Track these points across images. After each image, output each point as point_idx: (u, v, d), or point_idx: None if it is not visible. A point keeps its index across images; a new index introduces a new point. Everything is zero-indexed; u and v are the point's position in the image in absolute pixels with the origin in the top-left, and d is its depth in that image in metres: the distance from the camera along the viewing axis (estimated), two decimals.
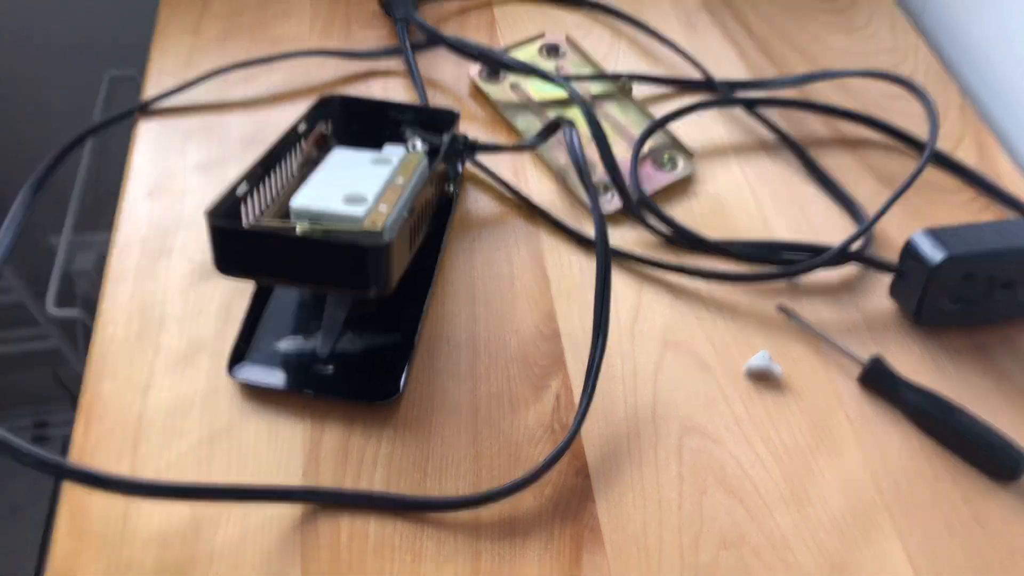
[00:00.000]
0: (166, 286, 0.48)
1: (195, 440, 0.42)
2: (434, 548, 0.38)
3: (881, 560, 0.39)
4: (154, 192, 0.53)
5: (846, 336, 0.47)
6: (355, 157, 0.47)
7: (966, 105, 0.60)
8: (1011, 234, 0.45)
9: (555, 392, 0.44)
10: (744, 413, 0.43)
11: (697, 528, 0.39)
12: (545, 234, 0.51)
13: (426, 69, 0.61)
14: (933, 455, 0.42)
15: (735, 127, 0.58)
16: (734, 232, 0.52)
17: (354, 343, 0.45)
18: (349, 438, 0.42)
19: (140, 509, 0.39)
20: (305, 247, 0.39)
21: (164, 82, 0.60)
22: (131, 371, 0.44)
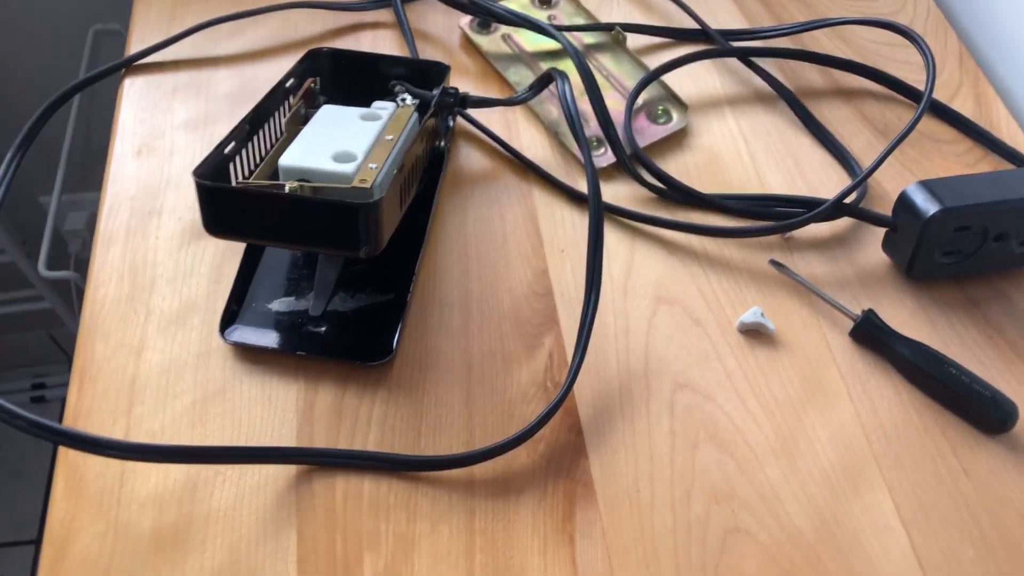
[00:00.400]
0: (156, 247, 0.48)
1: (189, 402, 0.42)
2: (429, 506, 0.39)
3: (870, 512, 0.39)
4: (142, 151, 0.52)
5: (838, 290, 0.47)
6: (344, 113, 0.46)
7: (965, 54, 0.59)
8: (1005, 185, 0.44)
9: (548, 350, 0.44)
10: (736, 368, 0.44)
11: (689, 482, 0.40)
12: (538, 190, 0.51)
13: (416, 20, 0.60)
14: (923, 408, 0.42)
15: (730, 78, 0.57)
16: (728, 186, 0.51)
17: (346, 303, 0.45)
18: (343, 398, 0.42)
19: (136, 471, 0.39)
20: (294, 207, 0.39)
21: (149, 36, 0.59)
22: (124, 333, 0.44)
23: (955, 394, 0.42)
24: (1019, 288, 0.47)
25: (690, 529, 0.38)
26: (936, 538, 0.39)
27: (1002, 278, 0.47)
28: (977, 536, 0.39)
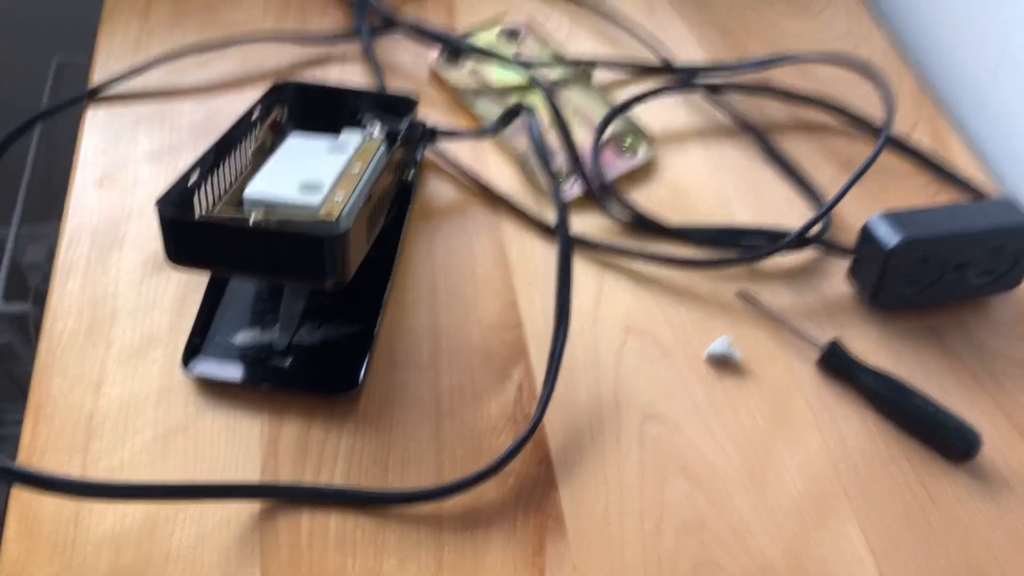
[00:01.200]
0: (118, 279, 0.47)
1: (149, 437, 0.41)
2: (396, 542, 0.38)
3: (839, 542, 0.39)
4: (104, 181, 0.52)
5: (805, 320, 0.47)
6: (311, 144, 0.46)
7: (920, 89, 0.60)
8: (963, 217, 0.45)
9: (517, 381, 0.44)
10: (704, 399, 0.44)
11: (659, 514, 0.39)
12: (507, 222, 0.51)
13: (384, 54, 0.60)
14: (890, 437, 0.43)
15: (695, 112, 0.58)
16: (695, 217, 0.52)
17: (312, 335, 0.44)
18: (308, 432, 0.41)
19: (92, 510, 0.38)
20: (259, 238, 0.38)
21: (112, 67, 0.58)
22: (82, 367, 0.43)
23: (920, 423, 0.42)
24: (977, 318, 0.48)
25: (660, 562, 0.38)
26: (904, 567, 0.39)
27: (962, 308, 0.48)
28: (944, 564, 0.39)
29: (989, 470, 0.42)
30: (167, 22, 0.61)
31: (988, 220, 0.45)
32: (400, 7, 0.64)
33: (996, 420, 0.44)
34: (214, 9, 0.62)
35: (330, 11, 0.63)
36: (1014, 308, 0.48)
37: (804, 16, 0.65)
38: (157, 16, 0.62)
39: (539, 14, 0.64)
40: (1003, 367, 0.46)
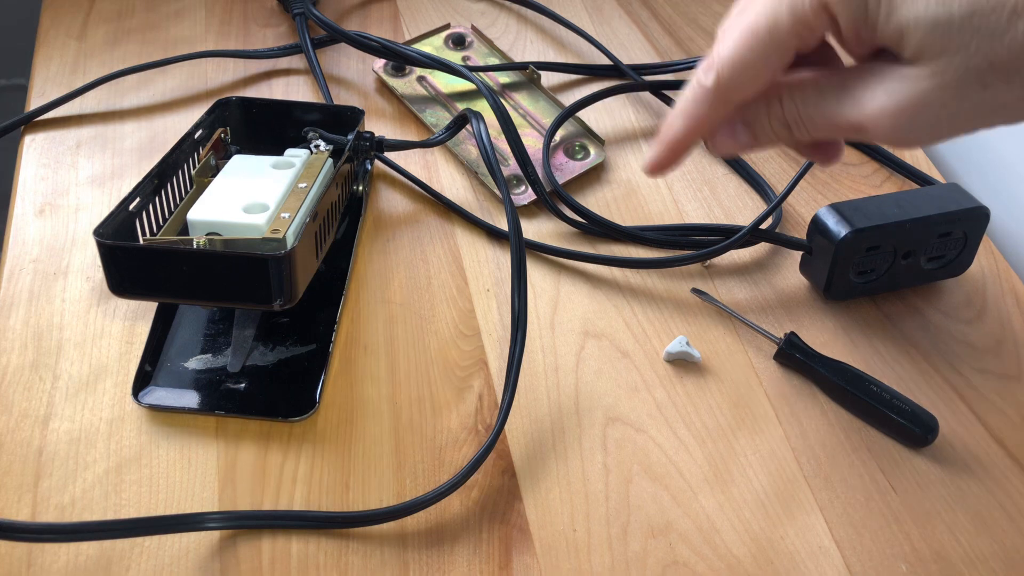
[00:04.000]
0: (63, 309, 0.46)
1: (101, 471, 0.40)
2: (360, 563, 0.37)
3: (805, 534, 0.39)
4: (45, 209, 0.50)
5: (761, 315, 0.47)
6: (255, 163, 0.45)
7: None
8: (910, 205, 0.46)
9: (477, 392, 0.43)
10: (665, 398, 0.44)
11: (625, 518, 0.39)
12: (460, 230, 0.51)
13: (329, 66, 0.60)
14: (849, 427, 0.43)
15: (644, 111, 0.58)
16: (647, 217, 0.52)
17: (266, 357, 0.43)
18: (265, 457, 0.40)
19: (45, 550, 0.37)
20: (204, 262, 0.37)
21: (50, 91, 0.57)
22: (28, 403, 0.42)
23: (878, 411, 0.42)
24: (930, 303, 0.48)
25: (628, 566, 0.38)
26: (869, 556, 0.39)
27: (914, 294, 0.49)
28: (908, 551, 0.39)
29: (948, 454, 0.42)
30: (105, 43, 0.60)
31: (935, 206, 0.46)
32: (344, 17, 0.63)
33: (953, 404, 0.44)
34: (154, 27, 0.61)
35: (273, 24, 0.62)
36: (964, 291, 0.49)
37: None
38: (94, 37, 0.60)
39: (484, 18, 0.64)
40: (957, 350, 0.46)
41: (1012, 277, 0.50)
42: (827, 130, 0.30)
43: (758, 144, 0.32)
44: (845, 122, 0.29)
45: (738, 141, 0.32)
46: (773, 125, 0.31)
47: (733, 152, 0.33)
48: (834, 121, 0.30)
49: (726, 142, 0.32)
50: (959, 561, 0.39)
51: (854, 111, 0.29)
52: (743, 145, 0.32)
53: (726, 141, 0.32)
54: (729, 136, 0.32)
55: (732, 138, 0.32)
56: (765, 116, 0.31)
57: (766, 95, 0.31)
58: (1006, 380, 0.45)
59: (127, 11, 0.62)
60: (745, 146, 0.32)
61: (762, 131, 0.31)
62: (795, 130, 0.31)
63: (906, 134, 0.28)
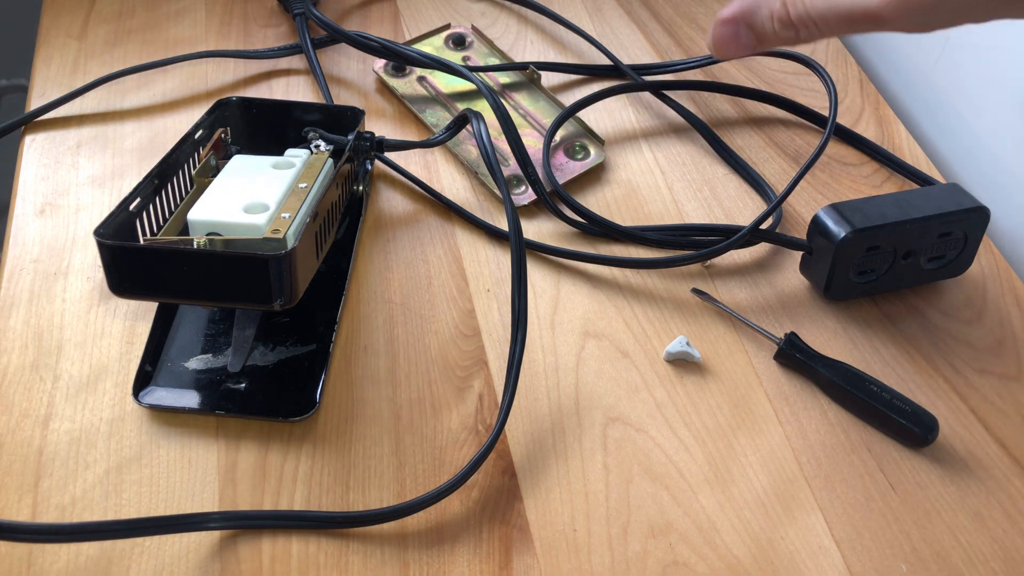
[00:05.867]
0: (63, 310, 0.46)
1: (102, 471, 0.40)
2: (360, 563, 0.37)
3: (805, 534, 0.39)
4: (45, 209, 0.50)
5: (760, 315, 0.47)
6: (255, 163, 0.45)
7: (865, 79, 0.61)
8: (909, 204, 0.46)
9: (478, 392, 0.43)
10: (666, 398, 0.44)
11: (625, 518, 0.39)
12: (460, 230, 0.51)
13: (329, 66, 0.60)
14: (849, 426, 0.43)
15: (644, 111, 0.58)
16: (647, 218, 0.52)
17: (266, 357, 0.43)
18: (266, 456, 0.40)
19: (45, 550, 0.37)
20: (204, 262, 0.37)
21: (50, 91, 0.57)
22: (29, 403, 0.42)
23: (878, 411, 0.42)
24: (930, 303, 0.48)
25: (628, 566, 0.38)
26: (869, 555, 0.39)
27: (914, 294, 0.49)
28: (908, 551, 0.39)
29: (948, 454, 0.42)
30: (106, 43, 0.60)
31: (935, 206, 0.46)
32: (345, 17, 0.63)
33: (953, 404, 0.44)
34: (154, 27, 0.61)
35: (273, 24, 0.62)
36: (964, 291, 0.49)
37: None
38: (95, 37, 0.60)
39: (485, 18, 0.64)
40: (957, 350, 0.46)
41: (1012, 277, 0.50)
42: (839, 25, 0.29)
43: (761, 47, 0.30)
44: (861, 12, 0.28)
45: (741, 43, 0.31)
46: (777, 26, 0.30)
47: (737, 54, 0.31)
48: (848, 13, 0.28)
49: (729, 45, 0.31)
50: (959, 561, 0.39)
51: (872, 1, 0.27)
52: (745, 48, 0.31)
53: (729, 44, 0.31)
54: (732, 39, 0.31)
55: (735, 41, 0.31)
56: (768, 18, 0.30)
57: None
58: (1006, 380, 0.45)
59: (127, 11, 0.62)
60: (748, 49, 0.31)
61: (766, 35, 0.30)
62: (803, 31, 0.29)
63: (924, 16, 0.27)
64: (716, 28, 0.31)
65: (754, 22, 0.30)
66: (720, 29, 0.31)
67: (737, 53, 0.31)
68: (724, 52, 0.31)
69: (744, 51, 0.31)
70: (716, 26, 0.31)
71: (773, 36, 0.30)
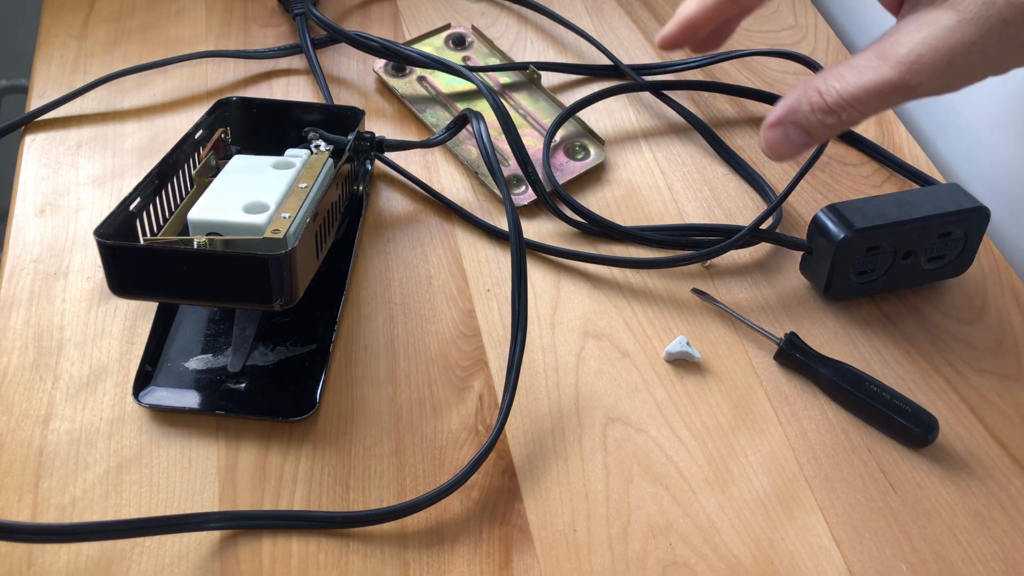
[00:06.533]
0: (63, 310, 0.46)
1: (102, 471, 0.40)
2: (360, 563, 0.37)
3: (805, 534, 0.39)
4: (45, 209, 0.50)
5: (761, 315, 0.47)
6: (255, 163, 0.45)
7: None
8: (910, 205, 0.46)
9: (478, 392, 0.43)
10: (666, 398, 0.44)
11: (625, 518, 0.39)
12: (461, 230, 0.51)
13: (329, 66, 0.60)
14: (849, 427, 0.43)
15: (644, 111, 0.58)
16: (647, 218, 0.52)
17: (266, 357, 0.43)
18: (266, 456, 0.41)
19: (45, 550, 0.37)
20: (204, 262, 0.37)
21: (50, 91, 0.57)
22: (29, 403, 0.42)
23: (878, 411, 0.42)
24: (931, 303, 0.48)
25: (629, 566, 0.38)
26: (869, 556, 0.39)
27: (914, 294, 0.49)
28: (909, 551, 0.39)
29: (948, 454, 0.42)
30: (105, 43, 0.60)
31: (935, 206, 0.46)
32: (344, 17, 0.63)
33: (953, 404, 0.44)
34: (154, 27, 0.61)
35: (273, 24, 0.62)
36: (964, 291, 0.49)
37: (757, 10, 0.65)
38: (95, 37, 0.60)
39: (485, 18, 0.64)
40: (958, 350, 0.46)
41: (1012, 277, 0.50)
42: (873, 101, 0.30)
43: (812, 140, 0.32)
44: (885, 85, 0.30)
45: (792, 143, 0.32)
46: (819, 117, 0.31)
47: (793, 154, 0.33)
48: (876, 88, 0.30)
49: (783, 146, 0.33)
50: (959, 561, 0.39)
51: (889, 70, 0.29)
52: (798, 146, 0.33)
53: (783, 145, 0.33)
54: (784, 140, 0.32)
55: (787, 141, 0.32)
56: (810, 111, 0.31)
57: (804, 90, 0.31)
58: (1006, 380, 0.45)
59: (127, 11, 0.62)
60: (800, 146, 0.33)
61: (812, 127, 0.32)
62: (843, 114, 0.31)
63: (946, 77, 0.29)
64: (766, 133, 0.33)
65: (798, 119, 0.32)
66: (769, 133, 0.33)
67: (792, 152, 0.33)
68: (780, 155, 0.33)
69: (798, 148, 0.33)
70: (765, 131, 0.33)
71: (820, 126, 0.32)
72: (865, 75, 0.30)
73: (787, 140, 0.32)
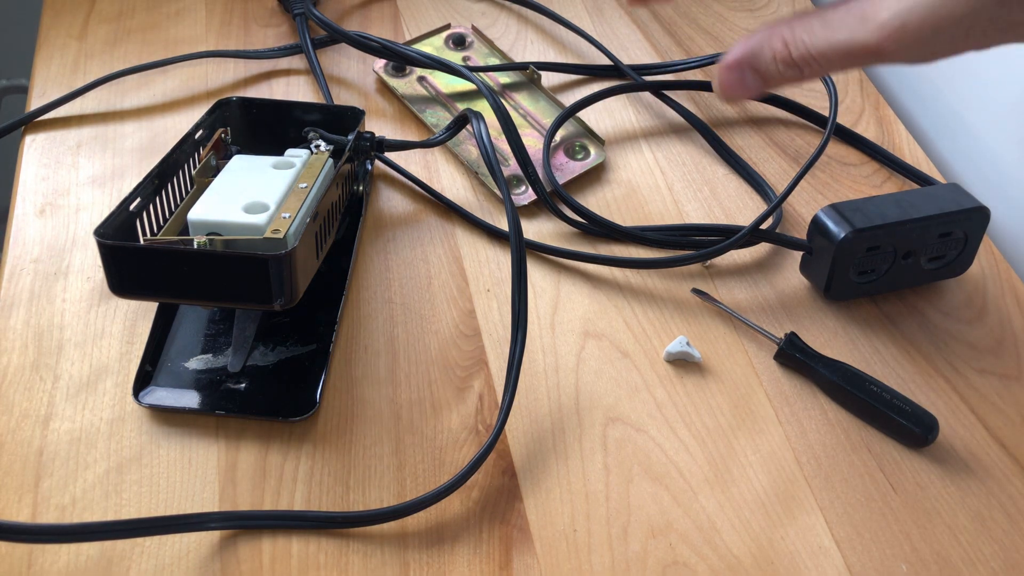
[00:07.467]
0: (63, 310, 0.46)
1: (102, 471, 0.40)
2: (360, 563, 0.37)
3: (805, 534, 0.39)
4: (45, 209, 0.50)
5: (761, 315, 0.47)
6: (255, 163, 0.45)
7: (865, 79, 0.61)
8: (910, 205, 0.46)
9: (478, 392, 0.43)
10: (666, 398, 0.44)
11: (625, 518, 0.39)
12: (461, 230, 0.51)
13: (329, 66, 0.60)
14: (849, 426, 0.43)
15: (644, 111, 0.58)
16: (647, 217, 0.52)
17: (266, 357, 0.43)
18: (266, 456, 0.41)
19: (46, 550, 0.37)
20: (204, 262, 0.37)
21: (51, 91, 0.57)
22: (29, 403, 0.42)
23: (878, 411, 0.42)
24: (931, 303, 0.48)
25: (629, 566, 0.38)
26: (869, 555, 0.39)
27: (915, 294, 0.49)
28: (909, 551, 0.39)
29: (948, 454, 0.42)
30: (106, 43, 0.60)
31: (935, 205, 0.46)
32: (345, 17, 0.63)
33: (953, 404, 0.44)
34: (154, 27, 0.61)
35: (273, 24, 0.62)
36: (964, 291, 0.49)
37: (750, 10, 0.65)
38: (95, 37, 0.60)
39: (485, 18, 0.64)
40: (958, 351, 0.46)
41: (1012, 277, 0.50)
42: (841, 61, 0.29)
43: (767, 87, 0.31)
44: (860, 47, 0.28)
45: (747, 86, 0.31)
46: (781, 67, 0.30)
47: (744, 97, 0.32)
48: (848, 49, 0.28)
49: (735, 88, 0.31)
50: (959, 561, 0.39)
51: (867, 33, 0.28)
52: (752, 91, 0.31)
53: (735, 88, 0.31)
54: (738, 83, 0.31)
55: (741, 84, 0.31)
56: (772, 60, 0.30)
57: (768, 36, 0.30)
58: (1006, 380, 0.45)
59: (127, 11, 0.62)
60: (754, 91, 0.31)
61: (771, 76, 0.30)
62: (805, 68, 0.30)
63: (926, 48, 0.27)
64: (721, 73, 0.31)
65: (758, 65, 0.31)
66: (725, 74, 0.31)
67: (744, 96, 0.32)
68: (731, 96, 0.32)
69: (751, 93, 0.31)
70: (721, 71, 0.31)
71: (778, 76, 0.30)
72: (839, 32, 0.28)
73: (742, 84, 0.31)
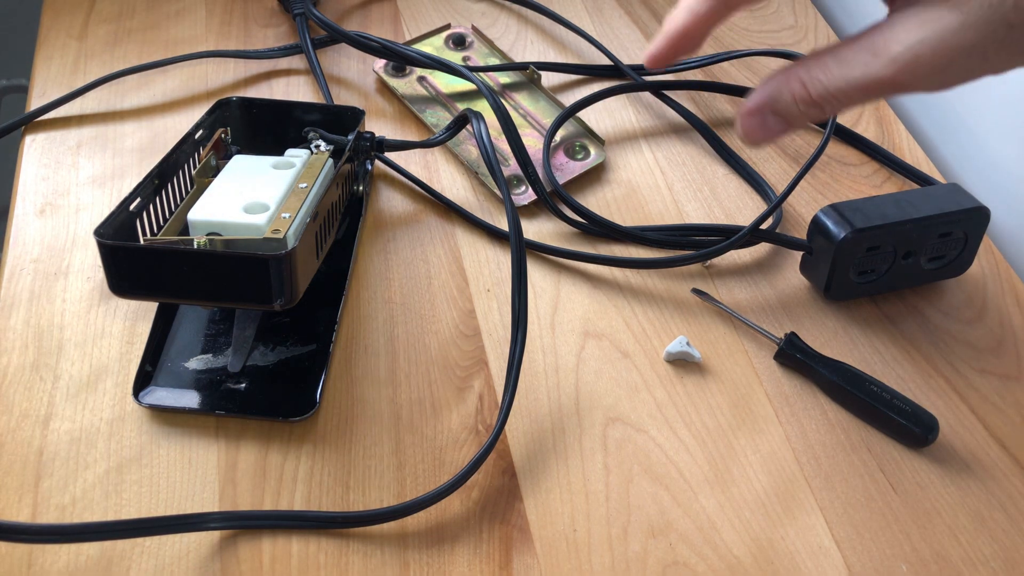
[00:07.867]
0: (63, 309, 0.46)
1: (102, 471, 0.40)
2: (360, 563, 0.37)
3: (805, 534, 0.39)
4: (45, 209, 0.50)
5: (761, 315, 0.47)
6: (255, 163, 0.45)
7: None
8: (910, 205, 0.46)
9: (478, 392, 0.43)
10: (666, 398, 0.44)
11: (625, 518, 0.39)
12: (461, 230, 0.51)
13: (329, 66, 0.60)
14: (849, 426, 0.43)
15: (644, 111, 0.58)
16: (647, 217, 0.52)
17: (267, 357, 0.43)
18: (266, 456, 0.41)
19: (46, 550, 0.37)
20: (204, 262, 0.37)
21: (51, 91, 0.57)
22: (29, 403, 0.42)
23: (878, 411, 0.42)
24: (931, 303, 0.48)
25: (629, 566, 0.38)
26: (869, 555, 0.39)
27: (915, 294, 0.49)
28: (909, 551, 0.39)
29: (948, 454, 0.42)
30: (106, 43, 0.60)
31: (935, 206, 0.46)
32: (345, 17, 0.63)
33: (953, 404, 0.44)
34: (154, 28, 0.61)
35: (273, 24, 0.62)
36: (964, 291, 0.49)
37: (750, 9, 0.65)
38: (95, 37, 0.60)
39: (485, 18, 0.64)
40: (957, 351, 0.46)
41: (1012, 277, 0.50)
42: (860, 95, 0.29)
43: (791, 129, 0.31)
44: (875, 82, 0.29)
45: (770, 130, 0.31)
46: (801, 107, 0.30)
47: (769, 141, 0.32)
48: (864, 84, 0.29)
49: (758, 132, 0.31)
50: (959, 561, 0.39)
51: (881, 68, 0.28)
52: (776, 133, 0.31)
53: (758, 132, 0.31)
54: (761, 128, 0.31)
55: (764, 129, 0.31)
56: (792, 102, 0.30)
57: (785, 78, 0.30)
58: (1006, 380, 0.45)
59: (127, 11, 0.62)
60: (778, 133, 0.31)
61: (793, 117, 0.31)
62: (826, 107, 0.30)
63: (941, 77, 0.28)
64: (743, 119, 0.31)
65: (778, 108, 0.31)
66: (747, 120, 0.31)
67: (768, 140, 0.32)
68: (755, 141, 0.32)
69: (774, 136, 0.31)
70: (742, 117, 0.31)
71: (800, 116, 0.31)
72: (854, 69, 0.29)
73: (764, 128, 0.31)
